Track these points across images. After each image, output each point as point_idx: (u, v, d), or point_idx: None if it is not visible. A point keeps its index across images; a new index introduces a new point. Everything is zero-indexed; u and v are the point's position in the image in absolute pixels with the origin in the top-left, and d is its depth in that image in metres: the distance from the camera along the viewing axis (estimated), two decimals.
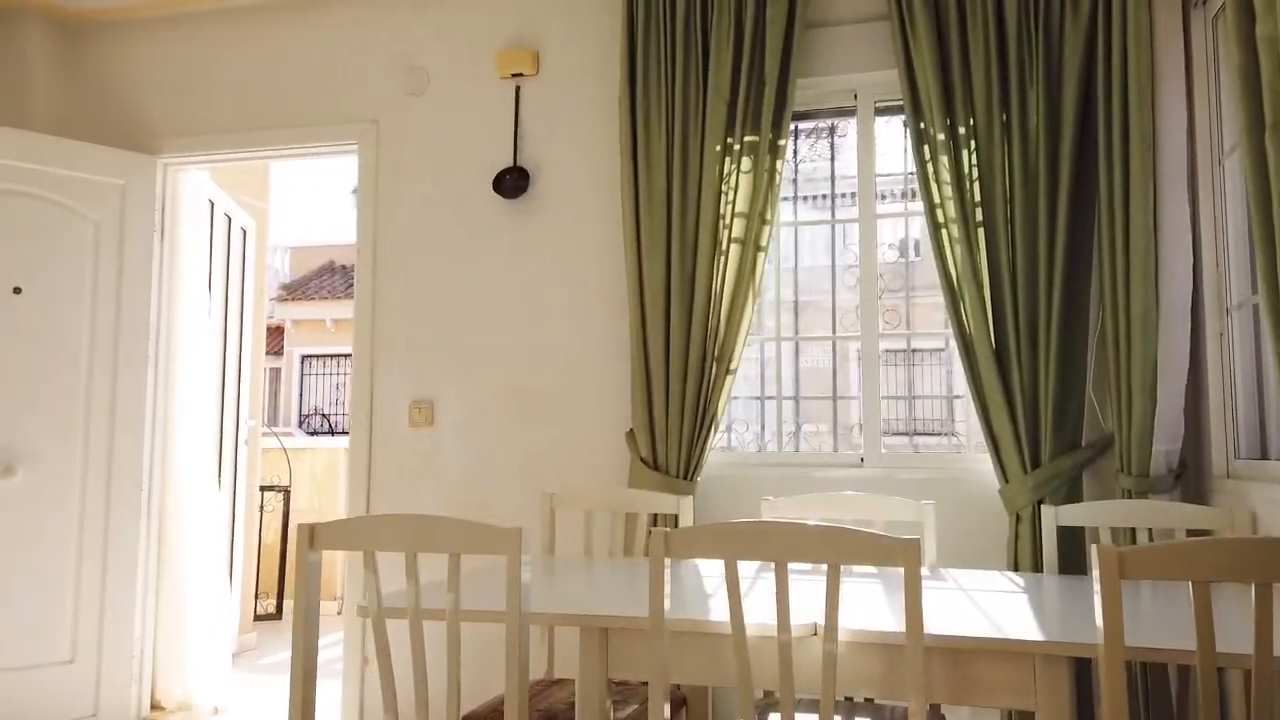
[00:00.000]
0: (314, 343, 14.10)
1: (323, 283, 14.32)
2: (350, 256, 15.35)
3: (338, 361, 14.16)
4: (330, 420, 13.85)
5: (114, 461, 3.42)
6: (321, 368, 14.19)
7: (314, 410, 13.96)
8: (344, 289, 14.37)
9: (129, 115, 3.75)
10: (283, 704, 3.73)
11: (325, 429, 13.60)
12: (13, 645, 3.16)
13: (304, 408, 14.10)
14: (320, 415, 13.84)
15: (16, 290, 3.27)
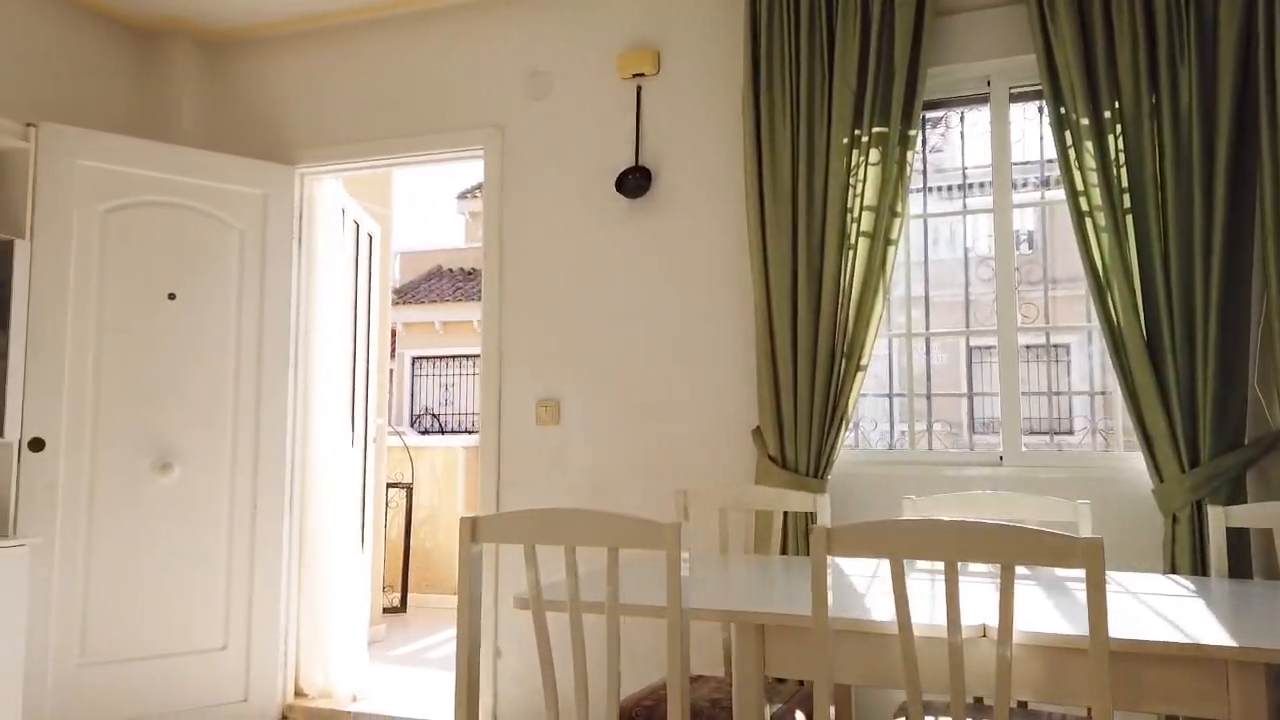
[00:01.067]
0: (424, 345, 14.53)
1: (431, 287, 14.73)
2: (456, 261, 15.75)
3: (446, 363, 14.55)
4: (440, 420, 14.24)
5: (260, 459, 3.59)
6: (431, 369, 14.61)
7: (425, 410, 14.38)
8: (451, 293, 14.75)
9: (268, 128, 3.93)
10: (416, 692, 3.84)
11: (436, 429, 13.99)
12: (172, 632, 3.35)
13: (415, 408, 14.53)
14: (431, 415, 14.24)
15: (171, 296, 3.47)
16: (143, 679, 3.28)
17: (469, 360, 14.56)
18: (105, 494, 3.27)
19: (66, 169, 3.25)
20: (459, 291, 14.80)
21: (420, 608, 5.93)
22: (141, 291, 3.40)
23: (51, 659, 3.11)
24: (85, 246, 3.29)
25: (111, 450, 3.29)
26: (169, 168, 3.48)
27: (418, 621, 5.50)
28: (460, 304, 14.55)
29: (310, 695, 3.72)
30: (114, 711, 3.21)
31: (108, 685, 3.21)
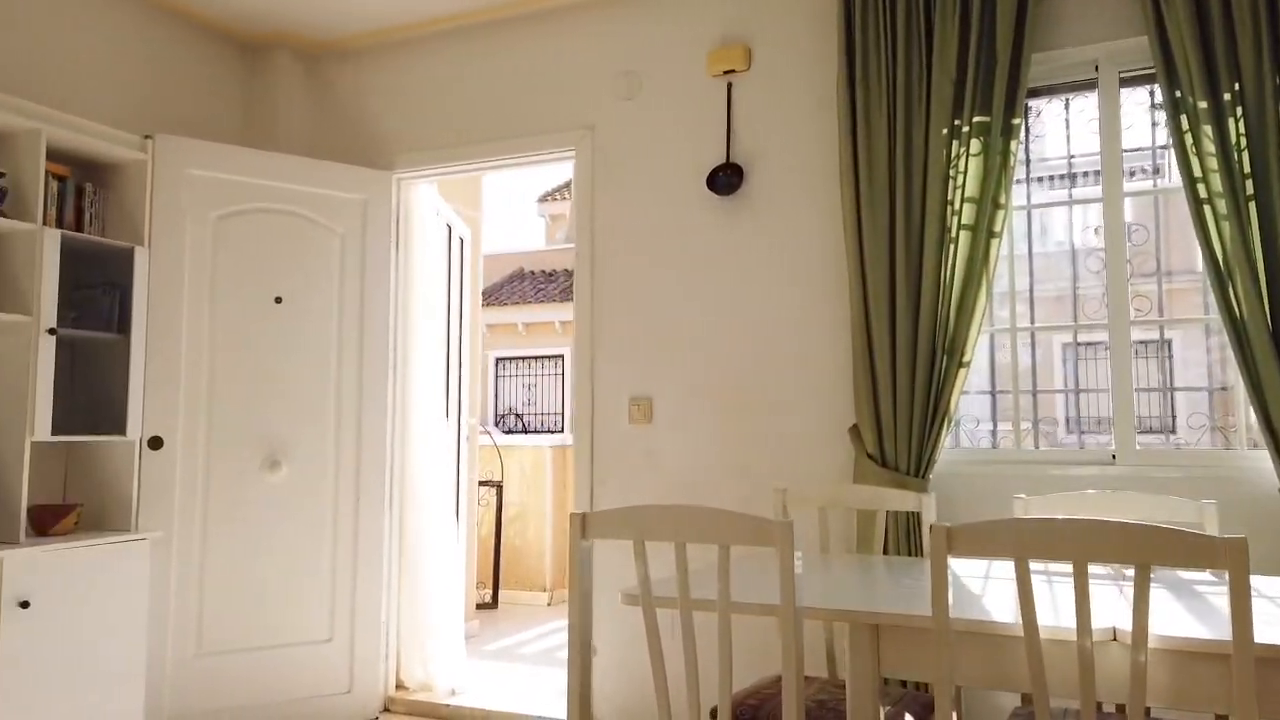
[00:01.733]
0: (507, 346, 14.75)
1: (513, 288, 14.95)
2: (537, 263, 15.94)
3: (529, 364, 14.74)
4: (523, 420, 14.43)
5: (361, 457, 3.69)
6: (514, 370, 14.82)
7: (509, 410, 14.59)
8: (533, 294, 14.94)
9: (366, 135, 4.04)
10: (512, 687, 3.90)
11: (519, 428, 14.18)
12: (281, 624, 3.47)
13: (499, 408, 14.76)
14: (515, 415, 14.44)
15: (278, 300, 3.59)
16: (254, 669, 3.41)
17: (551, 361, 14.73)
18: (218, 491, 3.40)
19: (180, 178, 3.40)
20: (540, 293, 14.97)
21: (511, 604, 6.02)
22: (250, 295, 3.53)
23: (170, 649, 3.25)
24: (198, 252, 3.44)
25: (224, 449, 3.43)
26: (274, 175, 3.60)
27: (509, 617, 5.58)
28: (542, 305, 14.72)
29: (410, 688, 3.80)
30: (228, 700, 3.34)
31: (222, 675, 3.35)
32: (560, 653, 4.67)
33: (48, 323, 2.88)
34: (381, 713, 3.67)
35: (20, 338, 2.86)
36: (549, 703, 3.69)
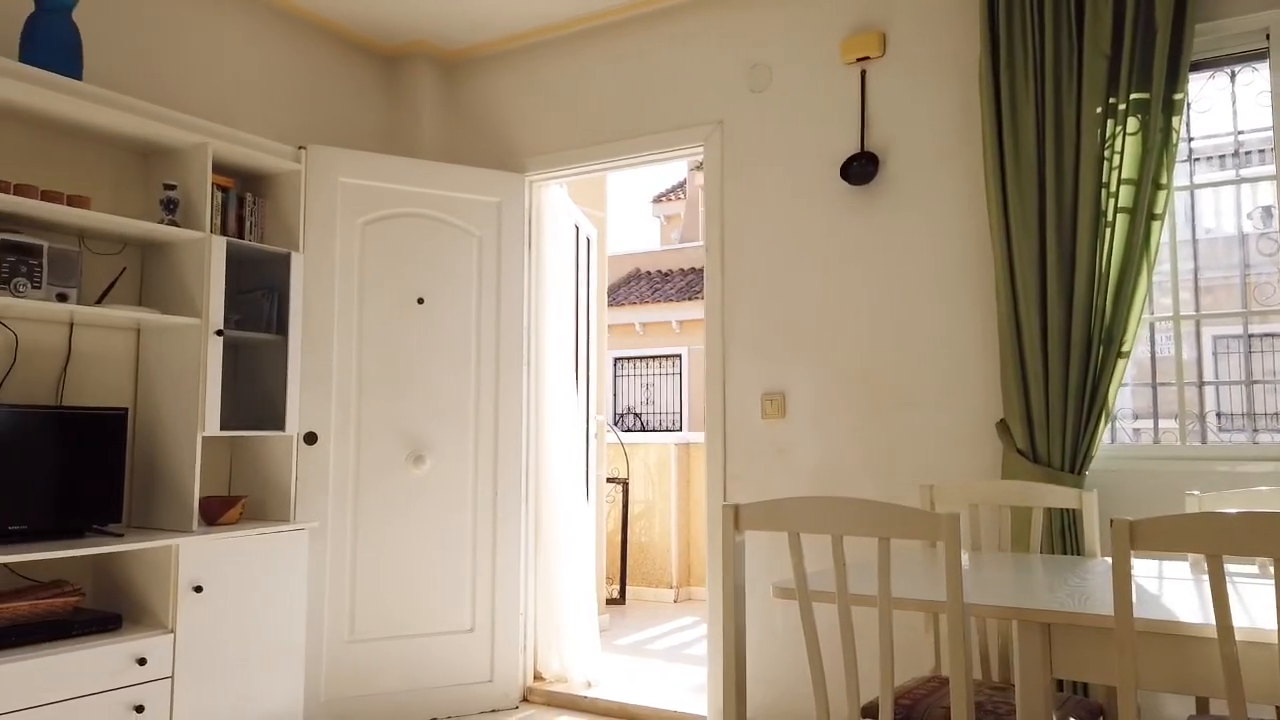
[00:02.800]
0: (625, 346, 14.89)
1: (630, 289, 15.08)
2: (653, 263, 16.02)
3: (646, 363, 14.84)
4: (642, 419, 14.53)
5: (499, 452, 3.79)
6: (632, 369, 14.95)
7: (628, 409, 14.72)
8: (650, 294, 15.03)
9: (498, 138, 4.15)
10: (646, 681, 3.93)
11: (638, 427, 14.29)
12: (426, 614, 3.60)
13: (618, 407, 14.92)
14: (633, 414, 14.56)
15: (420, 301, 3.72)
16: (402, 656, 3.54)
17: (668, 360, 14.78)
18: (367, 484, 3.56)
19: (331, 186, 3.57)
20: (657, 293, 15.05)
21: (637, 600, 6.06)
22: (394, 296, 3.67)
23: (325, 635, 3.42)
24: (347, 257, 3.60)
25: (372, 444, 3.58)
26: (416, 181, 3.74)
27: (636, 613, 5.62)
28: (658, 305, 14.79)
29: (547, 679, 3.88)
30: (378, 685, 3.49)
31: (372, 660, 3.49)
32: (691, 649, 4.67)
33: (215, 325, 3.07)
34: (521, 702, 3.76)
35: (191, 339, 3.06)
36: (685, 698, 3.69)
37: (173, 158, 3.18)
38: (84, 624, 2.68)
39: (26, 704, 2.44)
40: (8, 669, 2.41)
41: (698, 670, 4.20)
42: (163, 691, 2.76)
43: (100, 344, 3.09)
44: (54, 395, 2.95)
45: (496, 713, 3.64)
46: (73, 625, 2.65)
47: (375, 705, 3.47)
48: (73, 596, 2.73)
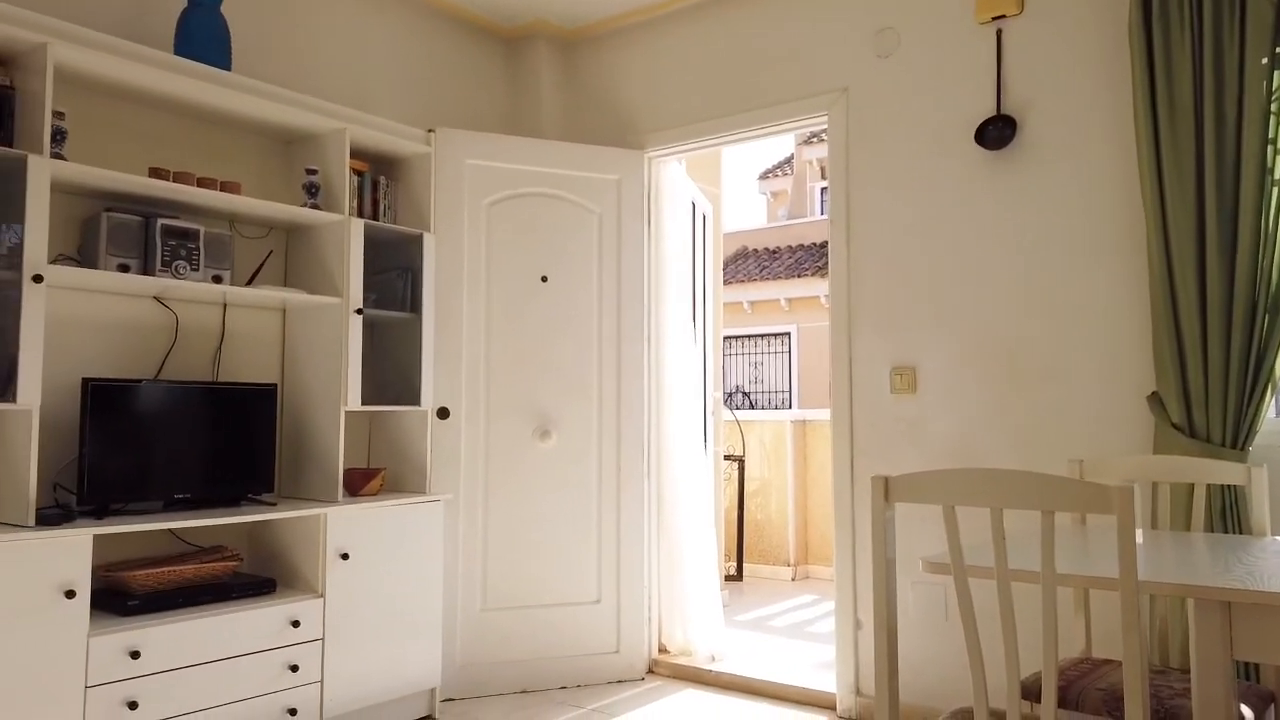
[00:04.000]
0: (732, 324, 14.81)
1: (738, 268, 14.97)
2: (760, 241, 15.85)
3: (754, 341, 14.73)
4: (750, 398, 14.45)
5: (621, 427, 3.82)
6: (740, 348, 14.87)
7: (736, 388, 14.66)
8: (758, 272, 14.88)
9: (618, 115, 4.16)
10: (769, 657, 3.91)
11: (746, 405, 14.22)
12: (554, 585, 3.68)
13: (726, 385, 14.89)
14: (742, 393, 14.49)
15: (544, 279, 3.78)
16: (531, 625, 3.63)
17: (776, 339, 14.63)
18: (497, 458, 3.65)
19: (458, 168, 3.65)
20: (765, 271, 14.89)
21: (754, 578, 6.05)
22: (519, 275, 3.74)
23: (460, 603, 3.53)
24: (474, 237, 3.68)
25: (501, 419, 3.66)
26: (538, 160, 3.79)
27: (753, 590, 5.61)
28: (766, 283, 14.64)
29: (671, 652, 3.91)
30: (510, 652, 3.59)
31: (504, 629, 3.59)
32: (813, 627, 4.64)
33: (355, 304, 3.18)
34: (647, 674, 3.80)
35: (333, 318, 3.19)
36: (811, 675, 3.67)
37: (313, 144, 3.31)
38: (242, 587, 2.84)
39: (197, 660, 2.61)
40: (179, 627, 2.58)
41: (821, 648, 4.16)
42: (314, 653, 2.91)
43: (250, 323, 3.25)
44: (210, 372, 3.13)
45: (623, 683, 3.70)
46: (233, 588, 2.82)
47: (508, 672, 3.57)
48: (232, 561, 2.89)
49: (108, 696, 2.43)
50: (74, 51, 2.55)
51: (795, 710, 3.40)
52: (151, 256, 2.78)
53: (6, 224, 2.46)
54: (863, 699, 3.32)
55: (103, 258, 2.70)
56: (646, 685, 3.68)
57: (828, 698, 3.42)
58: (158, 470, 2.79)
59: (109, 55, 2.62)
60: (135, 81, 2.78)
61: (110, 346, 2.88)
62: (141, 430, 2.75)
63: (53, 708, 2.32)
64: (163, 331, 3.01)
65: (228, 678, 2.68)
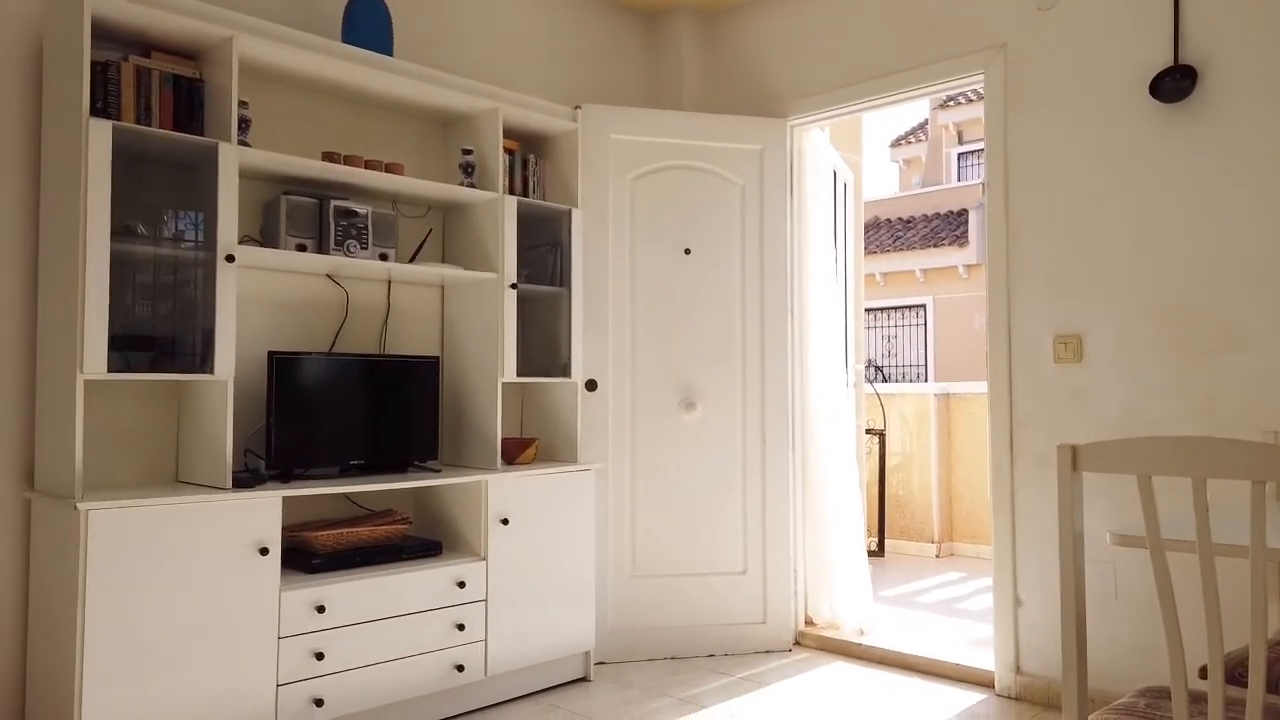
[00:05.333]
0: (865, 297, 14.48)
1: (870, 239, 14.59)
2: (893, 210, 15.39)
3: (887, 314, 14.36)
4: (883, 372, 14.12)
5: (766, 399, 3.81)
6: (872, 321, 14.52)
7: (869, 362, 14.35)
8: (891, 243, 14.47)
9: (759, 85, 4.11)
10: (919, 633, 3.84)
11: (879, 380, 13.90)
12: (700, 554, 3.71)
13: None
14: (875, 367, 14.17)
15: (687, 251, 3.79)
16: (679, 594, 3.68)
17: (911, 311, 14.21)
18: (643, 429, 3.70)
19: (603, 144, 3.70)
20: (898, 241, 14.46)
21: (896, 554, 5.94)
22: (663, 248, 3.76)
23: (610, 570, 3.62)
24: (619, 211, 3.73)
25: (646, 391, 3.71)
26: (680, 133, 3.79)
27: (897, 566, 5.51)
28: (900, 254, 14.22)
29: (818, 625, 3.90)
30: (659, 619, 3.65)
31: (652, 596, 3.66)
32: (963, 604, 4.52)
33: (509, 279, 3.28)
34: (794, 645, 3.80)
35: (489, 293, 3.30)
36: (965, 652, 3.58)
37: (468, 124, 3.41)
38: (412, 549, 2.99)
39: (374, 616, 2.78)
40: (357, 585, 2.75)
41: (973, 625, 4.05)
42: (479, 613, 3.04)
43: (412, 299, 3.40)
44: (377, 345, 3.30)
45: (770, 654, 3.71)
46: (403, 550, 2.97)
47: (657, 639, 3.64)
48: (402, 524, 3.05)
49: (298, 647, 2.61)
50: (256, 44, 2.71)
51: (950, 686, 3.33)
52: (325, 236, 2.94)
53: (200, 208, 2.66)
54: (1023, 678, 3.22)
55: (283, 238, 2.87)
56: (794, 656, 3.68)
57: (985, 675, 3.33)
58: (333, 437, 2.96)
59: (287, 46, 2.78)
60: (309, 70, 2.93)
61: (288, 322, 3.07)
62: (319, 400, 2.93)
63: (252, 655, 2.51)
64: (334, 307, 3.19)
65: (402, 633, 2.83)
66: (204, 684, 2.43)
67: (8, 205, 2.56)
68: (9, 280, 2.55)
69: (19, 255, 2.57)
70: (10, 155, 2.56)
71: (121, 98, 2.51)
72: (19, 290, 2.57)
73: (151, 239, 2.63)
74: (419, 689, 2.87)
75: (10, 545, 2.53)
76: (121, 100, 2.51)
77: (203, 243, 2.65)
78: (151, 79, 2.58)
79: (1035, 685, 3.18)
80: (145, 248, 2.59)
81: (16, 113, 2.57)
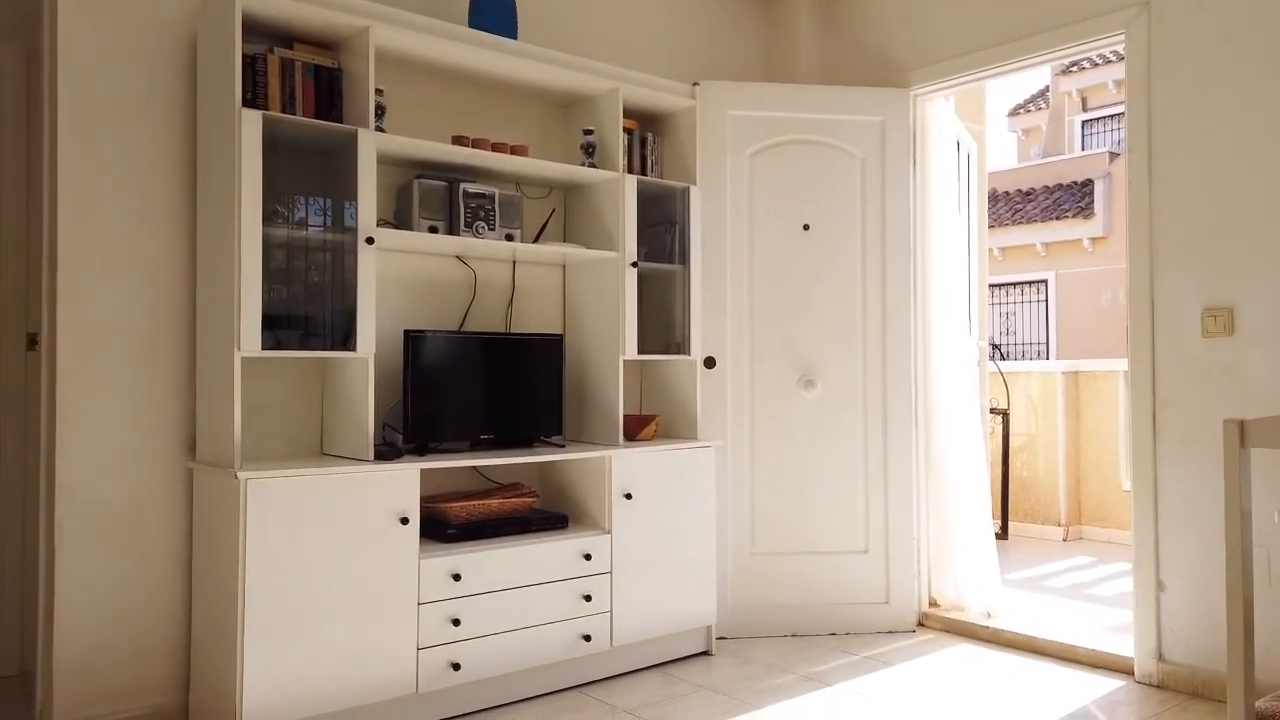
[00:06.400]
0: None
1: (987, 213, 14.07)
2: (1012, 182, 14.80)
3: (1005, 291, 13.84)
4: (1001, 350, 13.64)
5: (887, 377, 3.74)
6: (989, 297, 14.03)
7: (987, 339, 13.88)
8: (1009, 216, 13.92)
9: (879, 55, 4.01)
10: (1049, 617, 3.72)
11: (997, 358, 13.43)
12: (819, 532, 3.69)
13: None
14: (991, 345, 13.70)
15: (805, 227, 3.75)
16: (798, 572, 3.67)
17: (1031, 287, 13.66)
18: (762, 407, 3.69)
19: (720, 120, 3.68)
20: (1018, 214, 13.90)
21: (1020, 536, 5.76)
22: (781, 224, 3.73)
23: (730, 546, 3.63)
24: (737, 187, 3.71)
25: (765, 368, 3.70)
26: (798, 107, 3.74)
27: (1021, 549, 5.34)
28: (1019, 228, 13.67)
29: (942, 606, 3.82)
30: (778, 597, 3.65)
31: (772, 573, 3.66)
32: (1095, 589, 4.36)
33: (630, 258, 3.31)
34: (917, 626, 3.74)
35: (610, 271, 3.34)
36: (1101, 638, 3.45)
37: (588, 105, 3.45)
38: (539, 521, 3.07)
39: (505, 585, 2.87)
40: (489, 554, 2.84)
41: (1107, 610, 3.90)
42: (604, 585, 3.10)
43: (535, 279, 3.47)
44: (503, 324, 3.38)
45: (894, 634, 3.66)
46: (531, 522, 3.05)
47: (777, 616, 3.64)
48: (529, 497, 3.14)
49: (436, 613, 2.72)
50: (391, 32, 2.81)
51: (1086, 673, 3.22)
52: (456, 218, 3.03)
53: (339, 193, 2.77)
54: (1166, 665, 3.08)
55: (415, 221, 2.98)
56: (918, 638, 3.62)
57: (1123, 662, 3.21)
58: (464, 413, 3.06)
59: (419, 33, 2.86)
60: (439, 56, 3.02)
61: (420, 302, 3.18)
62: (451, 376, 3.03)
63: (395, 619, 2.64)
64: (463, 287, 3.28)
65: (531, 603, 2.92)
66: (351, 644, 2.56)
67: (168, 195, 2.73)
68: (172, 265, 2.73)
69: (180, 242, 2.75)
70: (170, 148, 2.73)
71: (268, 88, 2.64)
72: (180, 274, 2.74)
73: (295, 223, 2.76)
74: (548, 657, 2.95)
75: (176, 510, 2.72)
76: (268, 91, 2.64)
77: (343, 226, 2.76)
78: (294, 69, 2.71)
79: (1179, 674, 3.05)
80: (290, 231, 2.73)
81: (174, 107, 2.74)
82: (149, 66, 2.70)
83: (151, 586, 2.67)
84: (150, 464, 2.68)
